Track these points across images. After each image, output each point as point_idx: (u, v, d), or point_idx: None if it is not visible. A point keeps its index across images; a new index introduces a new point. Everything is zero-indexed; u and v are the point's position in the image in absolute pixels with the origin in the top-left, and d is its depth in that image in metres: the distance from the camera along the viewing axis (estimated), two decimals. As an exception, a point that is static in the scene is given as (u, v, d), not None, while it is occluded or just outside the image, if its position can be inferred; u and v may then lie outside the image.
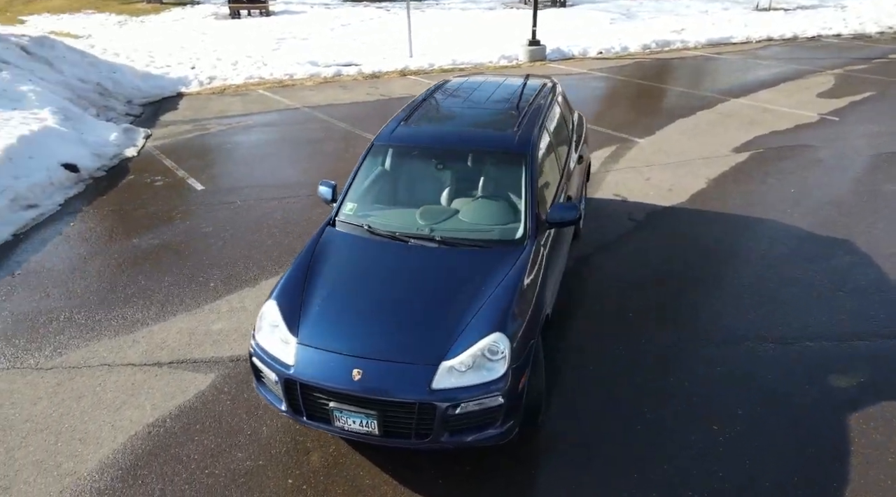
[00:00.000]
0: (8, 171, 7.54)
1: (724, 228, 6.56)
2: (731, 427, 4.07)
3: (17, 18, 24.99)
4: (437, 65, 14.05)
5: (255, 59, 15.66)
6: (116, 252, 6.40)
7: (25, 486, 3.76)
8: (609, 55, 15.11)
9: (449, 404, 3.36)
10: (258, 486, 3.73)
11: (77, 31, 21.65)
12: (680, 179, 7.74)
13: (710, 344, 4.85)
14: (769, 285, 5.57)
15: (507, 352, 3.47)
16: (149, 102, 11.79)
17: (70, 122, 9.13)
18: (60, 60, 11.30)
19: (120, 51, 17.22)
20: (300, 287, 3.91)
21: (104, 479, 3.79)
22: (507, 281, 3.82)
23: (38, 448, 4.03)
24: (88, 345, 5.01)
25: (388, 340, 3.55)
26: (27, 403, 4.42)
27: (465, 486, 3.71)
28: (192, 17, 23.36)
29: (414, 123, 4.96)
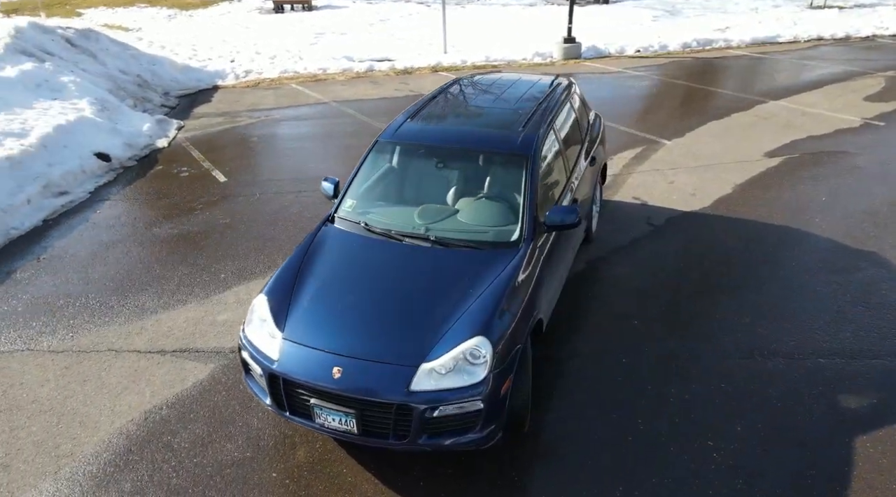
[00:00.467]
0: (43, 159, 7.83)
1: (746, 236, 6.32)
2: (726, 444, 3.92)
3: (76, 11, 25.93)
4: (469, 61, 13.98)
5: (292, 53, 15.88)
6: (136, 240, 6.58)
7: (24, 465, 3.91)
8: (647, 54, 14.75)
9: (427, 407, 3.34)
10: (242, 477, 3.78)
11: (128, 24, 22.33)
12: (705, 184, 7.50)
13: (716, 356, 4.68)
14: (787, 297, 5.35)
15: (488, 356, 3.42)
16: (185, 94, 12.09)
17: (106, 113, 9.43)
18: (103, 52, 11.68)
19: (166, 43, 17.70)
20: (291, 283, 3.93)
21: (97, 463, 3.90)
22: (496, 284, 3.77)
23: (40, 429, 4.18)
24: (99, 330, 5.17)
25: (370, 340, 3.54)
26: (35, 385, 4.58)
27: (446, 488, 3.68)
28: (238, 12, 23.84)
29: (419, 121, 4.93)
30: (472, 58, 14.22)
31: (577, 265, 5.87)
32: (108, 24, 22.04)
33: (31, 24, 11.03)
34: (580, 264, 5.89)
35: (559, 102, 5.29)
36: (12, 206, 7.04)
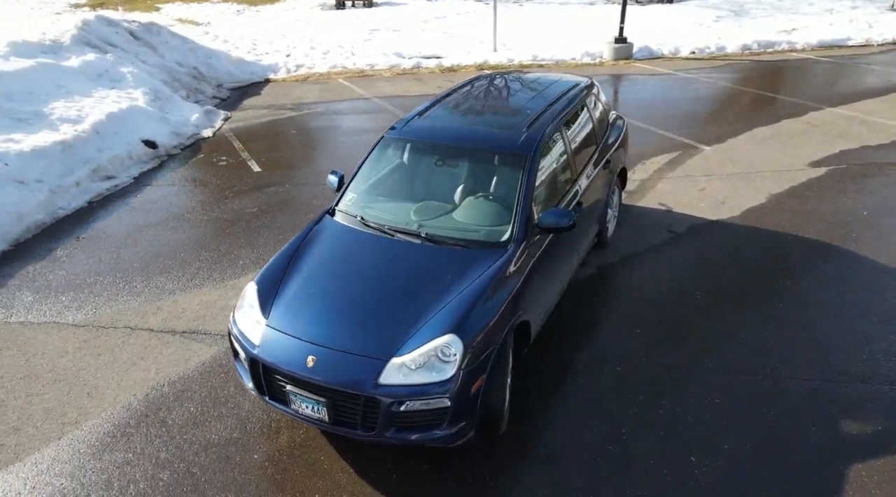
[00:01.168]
0: (94, 144, 8.31)
1: (770, 248, 6.06)
2: (710, 461, 3.79)
3: (154, 6, 27.22)
4: (517, 60, 13.89)
5: (345, 48, 16.21)
6: (168, 225, 6.90)
7: (33, 429, 4.19)
8: (702, 55, 14.26)
9: (394, 401, 3.38)
10: (226, 456, 3.93)
11: (199, 19, 23.28)
12: (738, 192, 7.21)
13: (716, 371, 4.53)
14: (803, 313, 5.10)
15: (458, 354, 3.43)
16: (237, 87, 12.55)
17: (158, 103, 9.91)
18: (163, 45, 12.26)
19: (229, 37, 18.39)
20: (282, 272, 4.06)
21: (97, 433, 4.13)
22: (476, 283, 3.77)
23: (52, 397, 4.47)
24: (119, 307, 5.46)
25: (345, 331, 3.62)
26: (55, 355, 4.90)
27: (417, 483, 3.72)
28: (302, 8, 24.48)
29: (427, 119, 4.96)
30: (520, 56, 14.13)
31: (587, 269, 5.79)
32: (181, 18, 23.06)
33: (97, 17, 11.71)
34: (591, 269, 5.80)
35: (572, 103, 5.22)
36: (62, 187, 7.51)
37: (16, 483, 3.77)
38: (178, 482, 3.76)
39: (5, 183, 7.06)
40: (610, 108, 6.21)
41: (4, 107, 8.38)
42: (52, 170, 7.60)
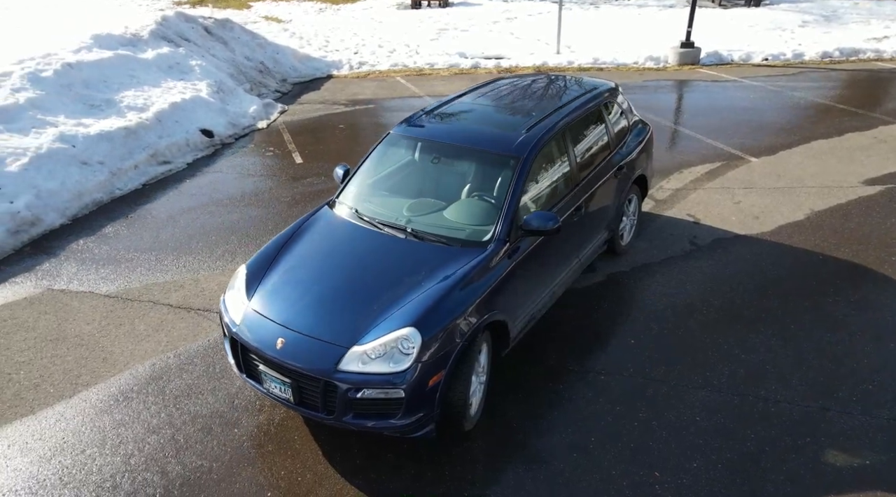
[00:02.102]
0: (155, 132, 8.93)
1: (795, 267, 5.76)
2: (674, 478, 3.70)
3: (246, 4, 28.62)
4: (576, 63, 13.70)
5: (410, 47, 16.50)
6: (207, 209, 7.34)
7: (50, 386, 4.62)
8: (775, 62, 13.54)
9: (350, 387, 3.52)
10: (209, 428, 4.19)
11: (283, 17, 24.28)
12: (776, 207, 6.86)
13: (704, 389, 4.38)
14: (816, 337, 4.85)
15: (416, 347, 3.51)
16: (300, 82, 13.06)
17: (220, 94, 10.49)
18: (235, 41, 12.95)
19: (305, 34, 19.11)
20: (272, 257, 4.28)
21: (102, 395, 4.50)
22: (447, 280, 3.84)
23: (72, 359, 4.89)
24: (148, 283, 5.88)
25: (316, 317, 3.78)
26: (83, 322, 5.35)
27: (378, 471, 3.83)
28: (379, 7, 25.05)
29: (433, 118, 5.06)
30: (580, 59, 13.92)
31: (595, 277, 5.71)
32: (267, 15, 24.14)
33: (177, 14, 12.51)
34: (599, 276, 5.72)
35: (583, 108, 5.17)
36: (121, 169, 8.13)
37: (25, 433, 4.18)
38: (162, 447, 4.05)
39: (71, 163, 7.72)
40: (632, 115, 6.07)
41: (81, 93, 9.14)
42: (114, 153, 8.23)
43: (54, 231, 6.90)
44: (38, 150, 7.57)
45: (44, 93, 8.71)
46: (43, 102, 8.55)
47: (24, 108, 8.31)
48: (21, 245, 6.63)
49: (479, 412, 4.15)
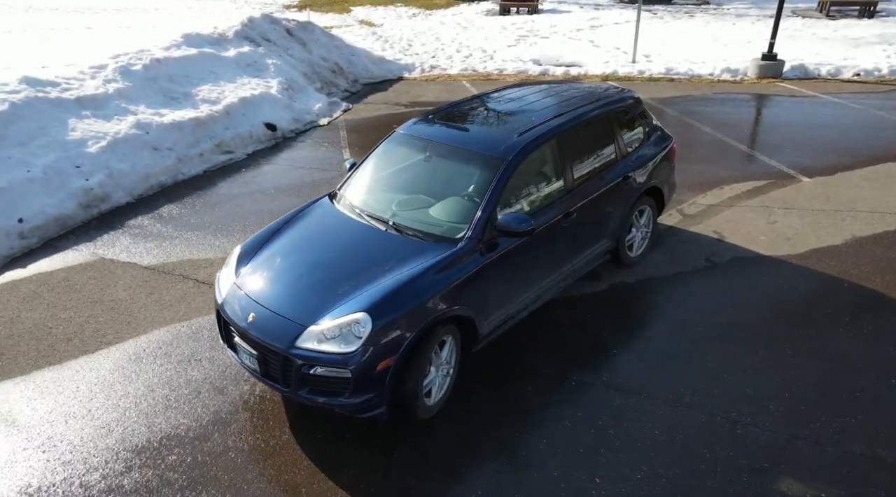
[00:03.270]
0: (222, 124, 9.68)
1: (817, 293, 5.47)
2: (615, 487, 3.69)
3: (348, 8, 29.96)
4: (647, 72, 13.37)
5: (487, 52, 16.70)
6: (252, 197, 7.89)
7: (79, 342, 5.21)
8: (867, 79, 12.57)
9: (304, 363, 3.78)
10: (196, 393, 4.59)
11: (376, 21, 25.22)
12: (814, 230, 6.49)
13: (672, 404, 4.32)
14: (813, 365, 4.63)
15: (366, 332, 3.73)
16: (370, 83, 13.61)
17: (289, 92, 11.18)
18: (313, 42, 13.69)
19: (390, 38, 19.81)
20: (265, 240, 4.64)
21: (119, 354, 5.03)
22: (410, 271, 4.03)
23: (103, 320, 5.49)
24: (183, 258, 6.45)
25: (285, 296, 4.08)
26: (120, 289, 5.97)
27: (334, 448, 4.08)
28: (468, 13, 25.44)
29: (437, 119, 5.26)
30: (653, 69, 13.58)
31: (598, 285, 5.68)
32: (362, 20, 25.16)
33: (262, 16, 13.41)
34: (603, 285, 5.68)
35: (586, 115, 5.19)
36: (188, 156, 8.89)
37: (47, 380, 4.76)
38: (155, 404, 4.50)
39: (143, 148, 8.54)
40: (651, 126, 5.95)
41: (163, 86, 10.06)
42: (182, 141, 9.02)
43: (119, 207, 7.69)
44: (116, 134, 8.44)
45: (131, 84, 9.66)
46: (129, 93, 9.50)
47: (111, 97, 9.27)
48: (89, 218, 7.45)
49: (439, 403, 4.29)
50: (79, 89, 9.13)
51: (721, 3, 25.47)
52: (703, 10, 23.50)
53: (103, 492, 3.80)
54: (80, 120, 8.59)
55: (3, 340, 5.22)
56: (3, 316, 5.55)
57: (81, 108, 8.82)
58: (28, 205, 7.14)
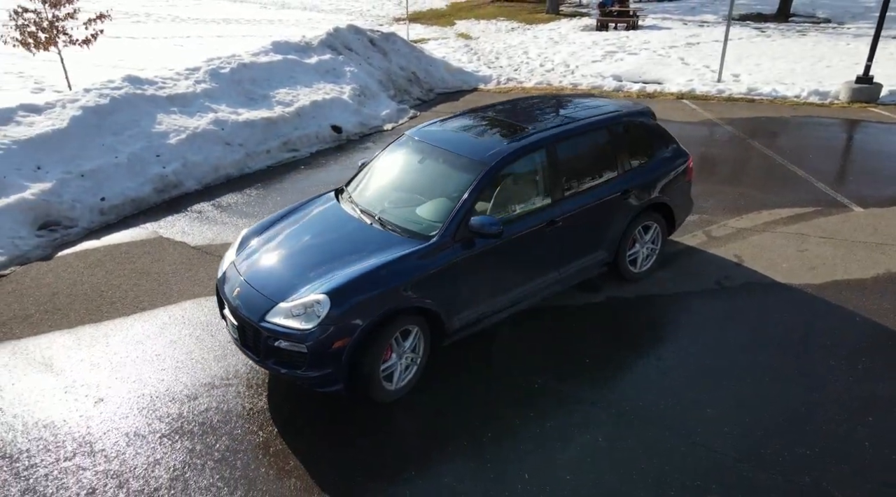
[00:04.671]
0: (292, 124, 10.48)
1: (821, 327, 5.24)
2: (541, 483, 3.78)
3: (452, 21, 30.88)
4: (727, 92, 12.87)
5: (570, 67, 16.72)
6: (301, 190, 8.50)
7: (121, 305, 5.96)
8: (977, 108, 11.38)
9: (269, 336, 4.21)
10: (201, 358, 5.15)
11: (474, 34, 25.77)
12: (845, 262, 6.12)
13: (626, 416, 4.37)
14: (782, 395, 4.51)
15: (324, 313, 4.09)
16: (445, 93, 14.08)
17: (360, 97, 11.86)
18: (394, 52, 14.37)
19: (480, 50, 20.28)
20: (268, 226, 5.15)
21: (150, 319, 5.72)
22: (375, 262, 4.35)
23: (144, 289, 6.23)
24: (225, 242, 7.11)
25: (268, 276, 4.53)
26: (167, 264, 6.72)
27: (305, 427, 4.47)
28: (565, 28, 25.42)
29: (443, 125, 5.57)
30: (735, 89, 13.06)
31: (595, 297, 5.74)
32: (462, 33, 25.82)
33: (348, 26, 14.26)
34: (600, 297, 5.73)
35: (583, 128, 5.32)
36: (256, 152, 9.74)
37: (85, 335, 5.52)
38: (167, 361, 5.11)
39: (216, 143, 9.46)
40: (663, 142, 5.88)
41: (246, 88, 11.04)
42: (252, 138, 9.88)
43: (188, 194, 8.58)
44: (195, 129, 9.42)
45: (217, 85, 10.70)
46: (214, 93, 10.53)
47: (198, 96, 10.32)
48: (161, 201, 8.39)
49: (402, 390, 4.58)
50: (172, 88, 10.25)
51: (843, 21, 23.82)
52: (820, 28, 22.08)
53: (108, 430, 4.41)
54: (168, 115, 9.66)
55: (62, 298, 6.08)
56: (68, 278, 6.45)
57: (171, 104, 9.90)
58: (111, 186, 8.17)
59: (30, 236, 7.31)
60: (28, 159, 8.14)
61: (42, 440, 4.32)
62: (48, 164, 8.21)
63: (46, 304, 5.98)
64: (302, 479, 3.96)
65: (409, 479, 3.92)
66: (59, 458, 4.17)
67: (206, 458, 4.14)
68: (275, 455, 4.15)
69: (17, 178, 7.87)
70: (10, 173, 7.85)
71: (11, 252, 6.98)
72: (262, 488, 3.90)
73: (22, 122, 8.76)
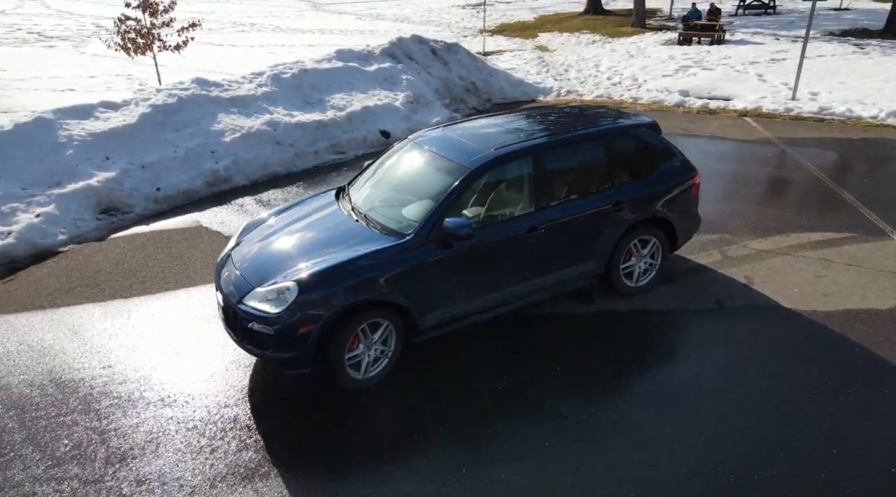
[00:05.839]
0: (342, 127, 10.97)
1: (816, 357, 5.00)
2: (473, 475, 3.87)
3: (535, 34, 30.93)
4: (796, 110, 12.21)
5: (638, 81, 16.38)
6: (338, 192, 8.94)
7: (150, 284, 6.54)
8: None
9: (244, 317, 4.53)
10: (204, 336, 5.57)
11: (552, 47, 25.71)
12: (864, 291, 5.74)
13: (570, 431, 4.35)
14: (749, 423, 4.36)
15: (291, 300, 4.36)
16: (502, 103, 14.20)
17: (413, 104, 12.23)
18: (455, 62, 14.67)
19: (552, 62, 20.24)
20: (268, 217, 5.51)
21: (171, 297, 6.24)
22: (349, 255, 4.58)
23: (174, 271, 6.78)
24: (254, 234, 7.62)
25: (254, 263, 4.88)
26: (197, 250, 7.27)
27: (270, 405, 4.77)
28: (647, 41, 24.84)
29: (445, 131, 5.74)
30: (806, 108, 12.36)
31: (587, 308, 5.74)
32: (541, 45, 25.84)
33: (412, 36, 14.69)
34: (592, 308, 5.71)
35: (579, 137, 5.35)
36: (304, 153, 10.29)
37: (113, 308, 6.10)
38: (174, 335, 5.57)
39: (267, 142, 10.08)
40: (668, 156, 5.76)
41: (304, 93, 11.67)
42: (303, 139, 10.44)
43: (235, 189, 9.21)
44: (249, 129, 10.09)
45: (277, 89, 11.39)
46: (273, 96, 11.21)
47: (258, 98, 11.03)
48: (210, 194, 9.05)
49: (371, 381, 4.79)
50: (235, 90, 11.02)
51: (959, 39, 21.88)
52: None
53: (106, 392, 4.90)
54: (227, 115, 10.39)
55: (103, 275, 6.74)
56: (113, 258, 7.13)
57: (231, 105, 10.65)
58: (167, 178, 8.92)
59: (91, 219, 8.13)
60: (100, 150, 9.04)
61: (50, 396, 4.87)
62: (116, 155, 9.07)
63: (88, 280, 6.66)
64: (259, 452, 4.25)
65: (355, 465, 4.12)
66: (60, 413, 4.68)
67: (180, 425, 4.52)
68: (241, 429, 4.47)
69: (88, 166, 8.76)
70: (82, 162, 8.75)
71: (72, 232, 7.79)
72: (220, 457, 4.22)
73: (100, 117, 9.72)
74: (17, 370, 5.17)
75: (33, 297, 6.30)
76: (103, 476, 4.08)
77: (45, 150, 8.76)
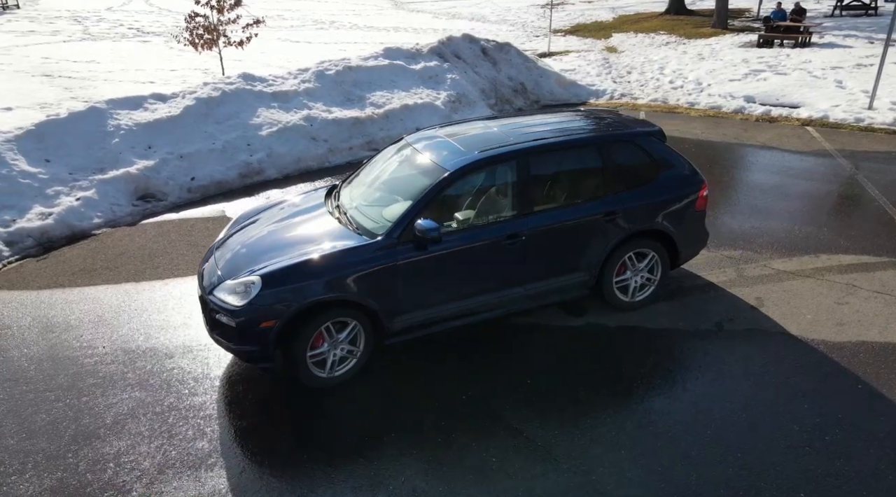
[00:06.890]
0: (378, 125, 11.05)
1: (807, 390, 4.56)
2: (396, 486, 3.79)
3: (609, 34, 30.15)
4: (867, 121, 11.24)
5: (701, 85, 15.59)
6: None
7: (162, 270, 6.82)
8: None
9: (212, 308, 4.62)
10: (194, 323, 5.74)
11: (621, 48, 24.94)
12: (888, 323, 5.21)
13: (529, 442, 4.15)
14: (706, 459, 4.02)
15: (254, 293, 4.41)
16: (551, 105, 13.87)
17: (454, 104, 12.15)
18: (504, 62, 14.45)
19: (616, 64, 19.62)
20: (260, 210, 5.63)
21: (177, 282, 6.49)
22: (316, 253, 4.58)
23: (186, 259, 7.05)
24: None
25: (232, 255, 4.97)
26: (213, 237, 7.50)
27: (236, 397, 4.86)
28: (723, 43, 23.65)
29: (439, 131, 5.65)
30: (879, 118, 11.36)
31: (575, 321, 5.54)
32: (611, 46, 25.12)
33: (463, 35, 14.58)
34: (579, 321, 5.51)
35: (571, 143, 5.17)
36: (339, 148, 10.45)
37: (123, 290, 6.40)
38: (168, 320, 5.79)
39: (303, 137, 10.30)
40: (672, 166, 5.40)
41: (346, 90, 11.83)
42: (338, 135, 10.60)
43: (267, 181, 9.47)
44: (286, 123, 10.33)
45: (319, 85, 11.60)
46: (314, 92, 11.43)
47: (299, 94, 11.28)
48: (243, 186, 9.35)
49: (336, 379, 4.79)
50: (278, 86, 11.31)
51: None
52: None
53: (94, 372, 5.13)
54: (268, 109, 10.69)
55: (123, 259, 7.08)
56: (139, 243, 7.49)
57: (273, 100, 10.94)
58: (202, 168, 9.28)
59: (127, 204, 8.57)
60: (143, 139, 9.51)
61: (44, 371, 5.15)
62: (158, 144, 9.51)
63: (110, 262, 7.02)
64: (211, 442, 4.33)
65: (307, 461, 4.13)
66: (47, 388, 4.95)
67: (148, 409, 4.68)
68: (202, 418, 4.57)
69: (130, 155, 9.23)
70: (125, 150, 9.23)
71: (108, 216, 8.24)
72: (176, 443, 4.33)
73: (148, 108, 10.22)
74: (22, 344, 5.51)
75: (57, 276, 6.70)
76: (65, 453, 4.27)
77: (94, 137, 9.30)
